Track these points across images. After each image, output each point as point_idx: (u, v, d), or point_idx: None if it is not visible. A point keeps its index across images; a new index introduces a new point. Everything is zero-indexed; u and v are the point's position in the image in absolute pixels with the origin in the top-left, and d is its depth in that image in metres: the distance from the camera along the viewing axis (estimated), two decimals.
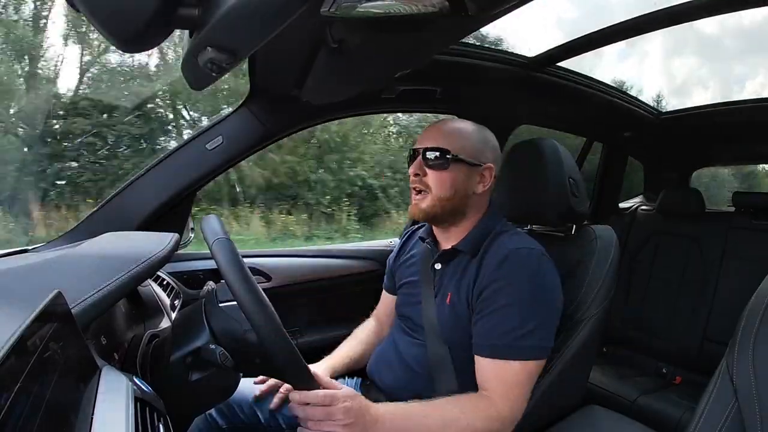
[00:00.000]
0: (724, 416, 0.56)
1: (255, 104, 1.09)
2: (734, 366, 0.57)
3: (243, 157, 1.16)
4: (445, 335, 0.83)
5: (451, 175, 0.83)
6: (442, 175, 0.83)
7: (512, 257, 0.78)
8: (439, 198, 0.84)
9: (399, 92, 1.22)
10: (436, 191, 0.84)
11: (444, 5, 0.60)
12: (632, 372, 1.68)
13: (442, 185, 0.83)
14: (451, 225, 0.88)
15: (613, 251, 0.93)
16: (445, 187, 0.83)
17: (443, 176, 0.83)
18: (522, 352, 0.74)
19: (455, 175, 0.84)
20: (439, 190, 0.84)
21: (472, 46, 1.19)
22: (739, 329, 0.58)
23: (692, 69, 9.01)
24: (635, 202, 2.19)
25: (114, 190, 1.06)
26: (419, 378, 0.84)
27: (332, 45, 0.73)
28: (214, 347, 0.62)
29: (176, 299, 1.04)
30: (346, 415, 0.64)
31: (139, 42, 0.53)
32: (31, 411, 0.33)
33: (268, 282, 1.29)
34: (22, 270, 0.64)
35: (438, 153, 0.83)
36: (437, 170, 0.83)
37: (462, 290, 0.82)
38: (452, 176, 0.83)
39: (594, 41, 1.21)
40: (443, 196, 0.84)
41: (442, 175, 0.83)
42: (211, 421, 0.87)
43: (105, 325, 0.69)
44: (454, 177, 0.84)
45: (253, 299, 0.58)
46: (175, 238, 0.74)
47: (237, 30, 0.55)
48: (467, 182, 0.85)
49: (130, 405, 0.46)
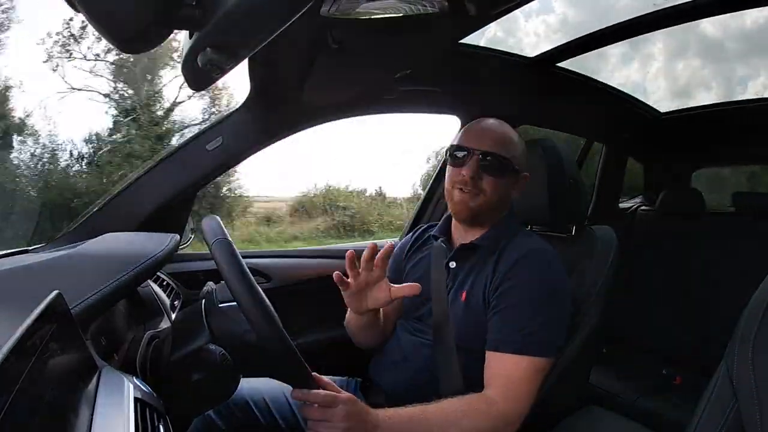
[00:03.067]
0: (723, 417, 0.56)
1: (255, 104, 1.09)
2: (734, 367, 0.56)
3: (243, 157, 1.15)
4: (457, 334, 0.83)
5: (505, 183, 0.86)
6: (499, 182, 0.85)
7: (530, 256, 0.80)
8: (491, 202, 0.85)
9: (399, 93, 1.22)
10: (491, 196, 0.85)
11: (444, 5, 0.61)
12: (632, 373, 1.67)
13: (497, 191, 0.85)
14: (479, 224, 0.89)
15: (613, 252, 0.93)
16: (499, 194, 0.85)
17: (499, 183, 0.85)
18: (531, 348, 0.75)
19: (507, 183, 0.86)
20: (493, 196, 0.85)
21: (472, 46, 1.19)
22: (739, 330, 0.58)
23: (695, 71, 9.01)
24: (635, 203, 2.19)
25: (114, 191, 1.06)
26: (424, 379, 0.84)
27: (333, 45, 0.73)
28: (213, 348, 0.62)
29: (176, 300, 1.04)
30: (346, 419, 0.64)
31: (139, 42, 0.53)
32: (31, 411, 0.33)
33: (268, 282, 1.29)
34: (22, 270, 0.64)
35: (499, 161, 0.84)
36: (496, 177, 0.84)
37: (478, 287, 0.83)
38: (506, 184, 0.86)
39: (594, 41, 1.21)
40: (495, 200, 0.85)
41: (499, 182, 0.85)
42: (210, 421, 0.87)
43: (105, 326, 0.69)
44: (507, 184, 0.86)
45: (253, 299, 0.58)
46: (174, 238, 0.74)
47: (237, 30, 0.55)
48: (512, 189, 0.88)
49: (130, 405, 0.46)
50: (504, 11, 0.75)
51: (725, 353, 0.60)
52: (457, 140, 0.88)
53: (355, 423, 0.65)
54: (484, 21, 0.79)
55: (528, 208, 0.99)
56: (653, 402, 1.47)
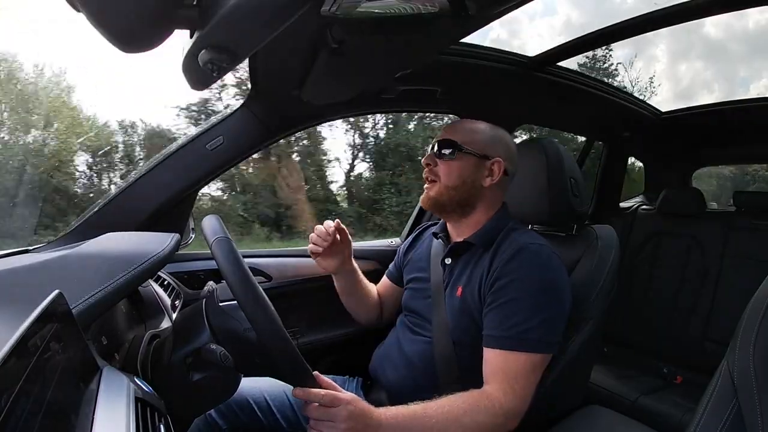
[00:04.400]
0: (724, 417, 0.56)
1: (255, 104, 1.09)
2: (735, 366, 0.56)
3: (243, 157, 1.16)
4: (453, 330, 0.84)
5: (458, 165, 0.88)
6: (450, 165, 0.88)
7: (525, 252, 0.80)
8: (447, 186, 0.88)
9: (399, 92, 1.22)
10: (444, 180, 0.89)
11: (444, 5, 0.61)
12: (633, 372, 1.67)
13: (450, 174, 0.88)
14: (461, 217, 0.91)
15: (614, 251, 0.93)
16: (452, 176, 0.88)
17: (451, 165, 0.88)
18: (528, 344, 0.75)
19: (462, 165, 0.88)
20: (446, 179, 0.88)
21: (472, 46, 1.19)
22: (740, 329, 0.58)
23: (697, 72, 9.03)
24: (636, 202, 2.19)
25: (115, 190, 1.06)
26: (423, 375, 0.85)
27: (333, 45, 0.73)
28: (214, 347, 0.62)
29: (177, 299, 1.04)
30: (348, 419, 0.64)
31: (139, 42, 0.53)
32: (31, 411, 0.33)
33: (269, 282, 1.29)
34: (22, 270, 0.64)
35: (447, 145, 0.89)
36: (446, 160, 0.89)
37: (474, 283, 0.84)
38: (459, 165, 0.88)
39: (594, 41, 1.21)
40: (450, 184, 0.88)
41: (450, 164, 0.88)
42: (212, 421, 0.87)
43: (106, 326, 0.69)
44: (461, 166, 0.88)
45: (254, 299, 0.58)
46: (175, 238, 0.74)
47: (237, 30, 0.55)
48: (475, 173, 0.89)
49: (130, 405, 0.46)
50: (504, 11, 0.75)
51: (726, 353, 0.60)
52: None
53: (357, 422, 0.65)
54: (485, 21, 0.79)
55: (529, 207, 0.99)
56: (654, 401, 1.47)
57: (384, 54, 0.82)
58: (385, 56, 0.84)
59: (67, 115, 5.29)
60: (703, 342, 1.65)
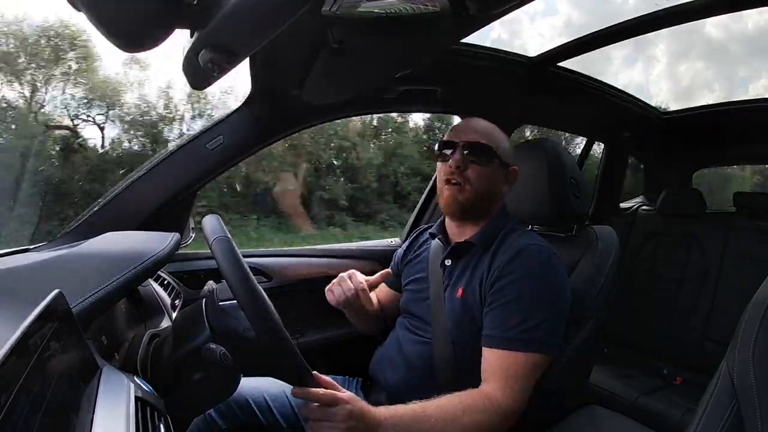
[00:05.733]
0: (724, 417, 0.56)
1: (256, 104, 1.09)
2: (735, 367, 0.56)
3: (243, 156, 1.15)
4: (452, 330, 0.83)
5: (491, 171, 0.86)
6: (484, 171, 0.86)
7: (524, 253, 0.80)
8: (478, 193, 0.86)
9: (399, 92, 1.22)
10: (477, 186, 0.85)
11: (445, 5, 0.61)
12: (632, 372, 1.67)
13: (483, 181, 0.86)
14: (471, 220, 0.90)
15: (614, 252, 0.93)
16: (485, 183, 0.86)
17: (485, 172, 0.86)
18: (527, 344, 0.75)
19: (494, 172, 0.86)
20: (479, 185, 0.85)
21: (472, 46, 1.19)
22: (739, 330, 0.58)
23: (698, 72, 9.04)
24: (636, 203, 2.19)
25: (115, 190, 1.06)
26: (422, 376, 0.85)
27: (333, 45, 0.73)
28: (214, 347, 0.62)
29: (177, 299, 1.04)
30: (347, 419, 0.64)
31: (140, 42, 0.53)
32: (31, 410, 0.33)
33: (269, 282, 1.29)
34: (22, 269, 0.65)
35: (482, 149, 0.85)
36: (480, 165, 0.85)
37: (474, 283, 0.83)
38: (491, 172, 0.86)
39: (595, 41, 1.21)
40: (482, 191, 0.86)
41: (484, 170, 0.86)
42: (211, 421, 0.87)
43: (105, 325, 0.69)
44: (493, 174, 0.86)
45: (253, 298, 0.58)
46: (175, 237, 0.74)
47: (238, 30, 0.55)
48: (500, 181, 0.88)
49: (130, 405, 0.46)
50: (504, 11, 0.75)
51: (726, 353, 0.60)
52: (444, 137, 0.90)
53: (356, 422, 0.65)
54: (485, 20, 0.79)
55: (529, 207, 0.99)
56: (654, 402, 1.47)
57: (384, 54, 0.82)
58: (386, 56, 0.84)
59: None
60: (703, 342, 1.65)
